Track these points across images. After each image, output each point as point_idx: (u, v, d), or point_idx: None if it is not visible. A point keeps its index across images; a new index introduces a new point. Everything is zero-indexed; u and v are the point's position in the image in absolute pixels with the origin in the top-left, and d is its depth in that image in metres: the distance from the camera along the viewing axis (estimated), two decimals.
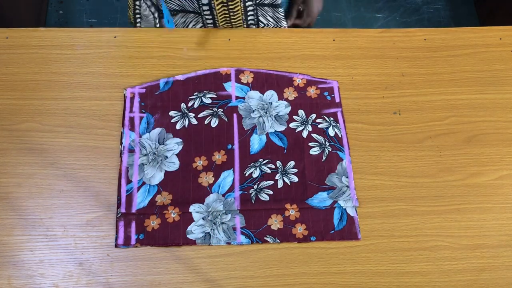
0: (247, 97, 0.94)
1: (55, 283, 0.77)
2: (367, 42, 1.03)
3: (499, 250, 0.84)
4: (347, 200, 0.86)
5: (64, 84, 0.93)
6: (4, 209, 0.82)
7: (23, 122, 0.89)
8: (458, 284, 0.81)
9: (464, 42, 1.04)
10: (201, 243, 0.81)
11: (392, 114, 0.95)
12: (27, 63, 0.95)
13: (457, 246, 0.83)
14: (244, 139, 0.90)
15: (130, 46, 0.98)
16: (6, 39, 0.97)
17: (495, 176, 0.90)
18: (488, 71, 1.01)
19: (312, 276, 0.80)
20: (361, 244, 0.83)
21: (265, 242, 0.82)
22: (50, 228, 0.81)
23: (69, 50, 0.97)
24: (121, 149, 0.87)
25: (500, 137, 0.94)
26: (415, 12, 1.97)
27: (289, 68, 0.98)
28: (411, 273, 0.81)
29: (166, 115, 0.91)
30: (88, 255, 0.79)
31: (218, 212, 0.83)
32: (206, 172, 0.87)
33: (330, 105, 0.95)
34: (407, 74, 0.99)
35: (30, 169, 0.85)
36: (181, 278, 0.78)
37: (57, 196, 0.83)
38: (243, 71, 0.97)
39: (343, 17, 1.93)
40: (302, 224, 0.83)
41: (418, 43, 1.03)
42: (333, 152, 0.90)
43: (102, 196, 0.84)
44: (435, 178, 0.89)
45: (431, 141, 0.92)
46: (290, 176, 0.87)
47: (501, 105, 0.97)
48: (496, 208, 0.87)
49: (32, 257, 0.79)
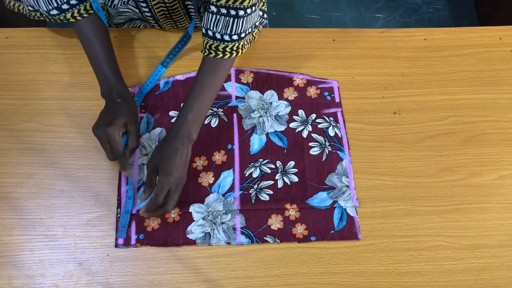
0: (247, 97, 0.94)
1: (55, 283, 0.77)
2: (367, 42, 1.03)
3: (499, 250, 0.84)
4: (347, 200, 0.85)
5: (64, 84, 0.93)
6: (4, 209, 0.82)
7: (23, 122, 0.89)
8: (458, 284, 0.81)
9: (464, 42, 1.04)
10: (201, 243, 0.81)
11: (392, 114, 0.95)
12: (27, 63, 0.95)
13: (457, 246, 0.83)
14: (244, 139, 0.90)
15: (130, 46, 0.98)
16: (6, 39, 0.97)
17: (495, 176, 0.90)
18: (488, 71, 1.01)
19: (312, 276, 0.80)
20: (361, 244, 0.83)
21: (265, 242, 0.82)
22: (50, 228, 0.81)
23: (69, 50, 0.97)
24: None
25: (500, 137, 0.94)
26: (415, 12, 1.97)
27: (289, 68, 0.98)
28: (411, 273, 0.81)
29: (166, 115, 0.91)
30: (88, 255, 0.79)
31: (218, 212, 0.83)
32: (206, 172, 0.87)
33: (330, 105, 0.95)
34: (407, 74, 0.99)
35: (30, 169, 0.85)
36: (181, 278, 0.78)
37: (57, 196, 0.83)
38: (243, 71, 0.97)
39: (343, 17, 1.93)
40: (302, 224, 0.83)
41: (418, 43, 1.03)
42: (333, 152, 0.90)
43: (102, 196, 0.84)
44: (435, 178, 0.89)
45: (431, 141, 0.92)
46: (290, 176, 0.87)
47: (501, 105, 0.97)
48: (496, 208, 0.87)
49: (32, 257, 0.78)
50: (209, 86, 0.81)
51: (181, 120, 0.80)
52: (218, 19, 0.78)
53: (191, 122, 0.79)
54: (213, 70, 0.82)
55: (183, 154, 0.78)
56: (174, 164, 0.77)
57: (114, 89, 0.83)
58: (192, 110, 0.80)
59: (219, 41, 0.80)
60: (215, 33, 0.79)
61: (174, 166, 0.77)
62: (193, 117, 0.80)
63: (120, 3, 0.90)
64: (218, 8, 0.76)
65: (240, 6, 0.76)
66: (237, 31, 0.79)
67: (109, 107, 0.82)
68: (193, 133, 0.80)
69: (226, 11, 0.76)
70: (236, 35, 0.79)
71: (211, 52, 0.81)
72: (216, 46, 0.80)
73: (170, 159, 0.78)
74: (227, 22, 0.78)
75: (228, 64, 0.83)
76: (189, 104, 0.80)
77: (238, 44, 0.81)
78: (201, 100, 0.80)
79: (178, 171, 0.78)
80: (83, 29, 0.85)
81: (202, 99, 0.81)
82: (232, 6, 0.76)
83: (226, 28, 0.78)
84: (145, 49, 0.98)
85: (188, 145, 0.80)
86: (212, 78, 0.82)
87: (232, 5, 0.76)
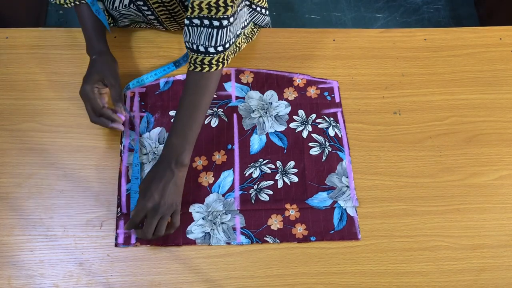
0: (247, 97, 0.94)
1: (55, 283, 0.77)
2: (367, 42, 1.03)
3: (499, 250, 0.84)
4: (347, 200, 0.85)
5: (64, 84, 0.93)
6: (4, 209, 0.82)
7: (23, 122, 0.89)
8: (458, 284, 0.81)
9: (464, 42, 1.04)
10: (201, 243, 0.81)
11: (392, 114, 0.95)
12: (27, 63, 0.95)
13: (457, 246, 0.83)
14: (244, 139, 0.90)
15: (130, 46, 0.98)
16: (6, 39, 0.97)
17: (495, 176, 0.90)
18: (488, 71, 1.01)
19: (312, 276, 0.80)
20: (361, 244, 0.83)
21: (265, 242, 0.82)
22: (50, 228, 0.81)
23: (69, 50, 0.97)
24: (121, 148, 0.87)
25: (500, 137, 0.94)
26: (415, 12, 1.97)
27: (289, 68, 0.98)
28: (411, 273, 0.81)
29: (166, 114, 0.91)
30: (88, 255, 0.79)
31: (218, 212, 0.83)
32: (206, 172, 0.87)
33: (330, 105, 0.95)
34: (407, 74, 0.99)
35: (30, 169, 0.85)
36: (181, 278, 0.78)
37: (57, 196, 0.83)
38: (243, 71, 0.97)
39: (343, 17, 1.93)
40: (302, 224, 0.83)
41: (418, 43, 1.03)
42: (333, 152, 0.90)
43: (102, 196, 0.84)
44: (435, 178, 0.89)
45: (431, 141, 0.92)
46: (290, 176, 0.87)
47: (501, 105, 0.97)
48: (496, 208, 0.87)
49: (32, 257, 0.78)
50: (197, 105, 0.78)
51: (168, 145, 0.78)
52: (201, 31, 0.76)
53: (178, 146, 0.77)
54: (200, 85, 0.79)
55: (170, 180, 0.76)
56: (151, 189, 0.76)
57: (92, 47, 0.87)
58: (178, 134, 0.77)
59: (204, 54, 0.77)
60: (198, 46, 0.77)
61: (152, 191, 0.76)
62: (180, 141, 0.77)
63: (121, 5, 0.90)
64: (201, 20, 0.75)
65: (223, 16, 0.74)
66: (221, 42, 0.77)
67: (89, 65, 0.86)
68: (183, 157, 0.77)
69: (208, 23, 0.75)
70: (221, 46, 0.77)
71: (196, 67, 0.79)
72: (201, 60, 0.78)
73: (151, 184, 0.76)
74: (211, 33, 0.76)
75: (215, 77, 0.80)
76: (176, 127, 0.78)
77: (223, 56, 0.79)
78: (187, 122, 0.78)
79: (157, 197, 0.76)
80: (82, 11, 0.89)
81: (189, 121, 0.78)
82: (214, 17, 0.74)
83: (210, 40, 0.76)
84: (146, 49, 0.98)
85: (178, 170, 0.77)
86: (199, 95, 0.79)
87: (215, 16, 0.74)
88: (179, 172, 0.78)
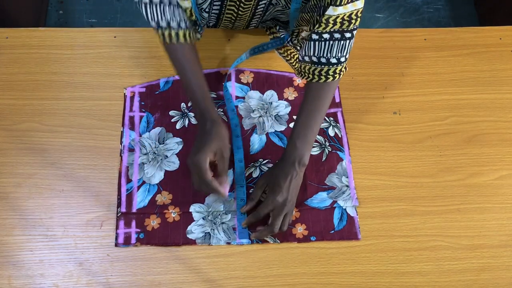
0: (247, 97, 0.94)
1: (55, 283, 0.77)
2: (367, 42, 1.03)
3: (499, 250, 0.84)
4: (347, 200, 0.85)
5: (64, 84, 0.93)
6: (4, 209, 0.82)
7: (23, 122, 0.89)
8: (458, 284, 0.81)
9: (464, 42, 1.04)
10: (201, 243, 0.81)
11: (392, 114, 0.95)
12: (27, 63, 0.95)
13: (457, 246, 0.83)
14: (244, 139, 0.90)
15: (130, 46, 0.98)
16: (6, 39, 0.97)
17: (495, 176, 0.90)
18: (488, 71, 1.01)
19: (312, 276, 0.80)
20: (361, 244, 0.83)
21: (265, 242, 0.82)
22: (50, 228, 0.81)
23: (69, 50, 0.97)
24: (121, 148, 0.87)
25: (500, 137, 0.94)
26: (415, 12, 1.97)
27: (289, 68, 0.98)
28: (411, 273, 0.81)
29: (166, 114, 0.91)
30: (88, 255, 0.79)
31: (218, 212, 0.83)
32: None
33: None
34: (407, 74, 0.99)
35: (30, 169, 0.85)
36: (181, 278, 0.78)
37: (57, 196, 0.83)
38: (243, 71, 0.97)
39: None
40: (302, 224, 0.83)
41: (418, 43, 1.03)
42: (333, 152, 0.90)
43: (102, 196, 0.84)
44: (435, 178, 0.89)
45: (431, 141, 0.92)
46: None
47: (501, 105, 0.97)
48: (496, 208, 0.87)
49: (32, 257, 0.79)
50: (316, 111, 0.83)
51: (291, 147, 0.82)
52: (332, 44, 0.79)
53: (300, 148, 0.81)
54: (320, 94, 0.84)
55: (293, 178, 0.80)
56: (281, 186, 0.79)
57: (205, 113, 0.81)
58: (300, 137, 0.82)
59: (324, 65, 0.81)
60: (320, 58, 0.81)
61: (281, 187, 0.79)
62: (302, 143, 0.81)
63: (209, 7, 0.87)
64: (331, 34, 0.79)
65: (353, 28, 0.78)
66: (344, 54, 0.81)
67: (200, 133, 0.81)
68: (304, 158, 0.81)
69: (340, 36, 0.79)
70: (343, 57, 0.81)
71: (321, 78, 0.83)
72: (320, 71, 0.82)
73: (280, 180, 0.80)
74: (343, 45, 0.80)
75: (334, 86, 0.84)
76: (298, 131, 0.82)
77: (341, 67, 0.82)
78: (309, 126, 0.82)
79: (285, 193, 0.79)
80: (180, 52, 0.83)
81: (310, 124, 0.82)
82: (346, 30, 0.78)
83: (342, 51, 0.80)
84: (146, 49, 0.98)
85: (300, 169, 0.81)
86: (318, 102, 0.83)
87: (347, 29, 0.78)
88: (301, 172, 0.82)
